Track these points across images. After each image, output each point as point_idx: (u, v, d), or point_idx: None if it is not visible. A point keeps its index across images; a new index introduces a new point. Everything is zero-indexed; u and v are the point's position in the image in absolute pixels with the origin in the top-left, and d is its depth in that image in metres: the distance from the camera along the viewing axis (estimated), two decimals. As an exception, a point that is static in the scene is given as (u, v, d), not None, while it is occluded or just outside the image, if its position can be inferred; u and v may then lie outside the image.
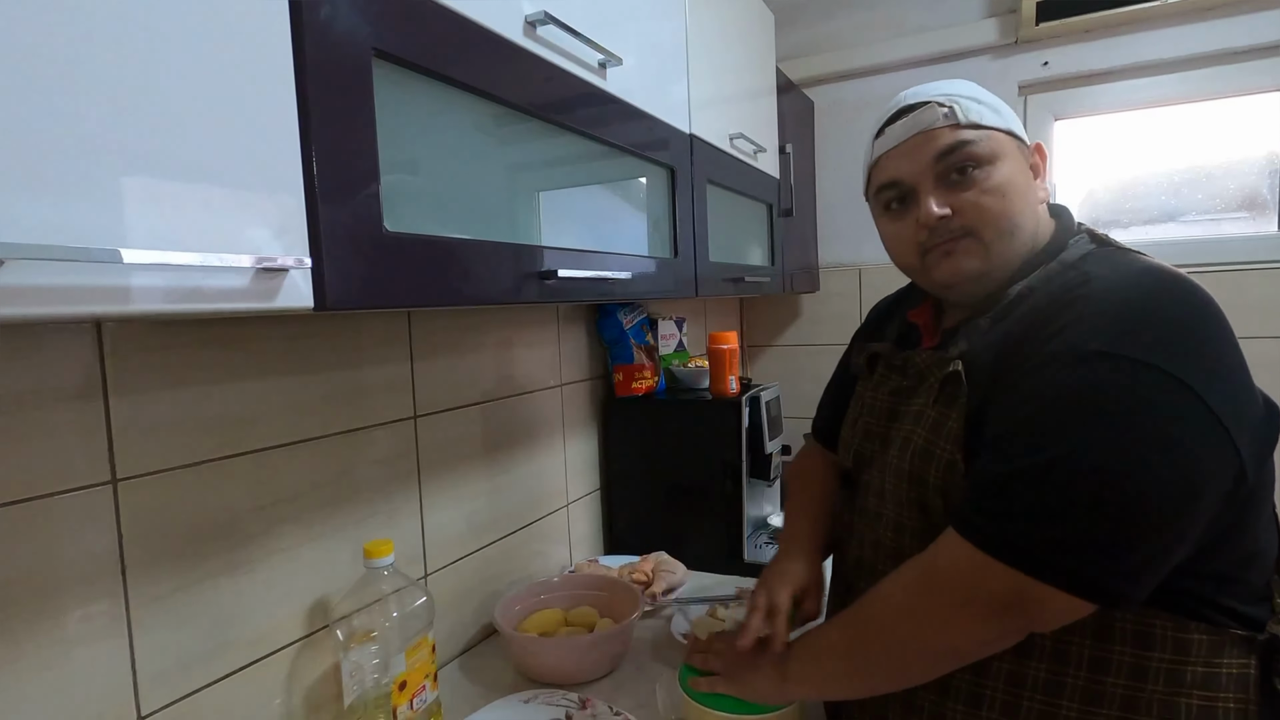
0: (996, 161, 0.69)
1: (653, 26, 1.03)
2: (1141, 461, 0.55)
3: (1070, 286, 0.64)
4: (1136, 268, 0.64)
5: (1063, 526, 0.56)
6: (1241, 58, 1.62)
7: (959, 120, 0.70)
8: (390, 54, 0.58)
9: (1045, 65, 1.76)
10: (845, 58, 1.95)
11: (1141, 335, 0.57)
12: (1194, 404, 0.55)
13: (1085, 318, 0.59)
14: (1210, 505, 0.57)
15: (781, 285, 1.69)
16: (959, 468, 0.65)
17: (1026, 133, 0.75)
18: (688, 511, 1.40)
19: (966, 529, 0.60)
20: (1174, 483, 0.55)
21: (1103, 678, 0.61)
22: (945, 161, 0.70)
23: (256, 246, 0.48)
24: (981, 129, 0.70)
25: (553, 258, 0.79)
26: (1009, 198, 0.69)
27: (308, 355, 0.86)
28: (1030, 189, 0.72)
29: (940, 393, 0.69)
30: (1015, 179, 0.70)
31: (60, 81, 0.38)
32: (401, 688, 0.82)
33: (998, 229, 0.69)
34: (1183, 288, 0.61)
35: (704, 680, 0.78)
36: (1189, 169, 1.72)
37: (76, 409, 0.65)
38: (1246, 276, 1.65)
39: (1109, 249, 0.69)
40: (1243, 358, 0.61)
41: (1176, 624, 0.60)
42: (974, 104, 0.71)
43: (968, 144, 0.69)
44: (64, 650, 0.64)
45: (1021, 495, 0.58)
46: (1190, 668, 0.60)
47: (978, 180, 0.69)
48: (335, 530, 0.90)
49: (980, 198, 0.69)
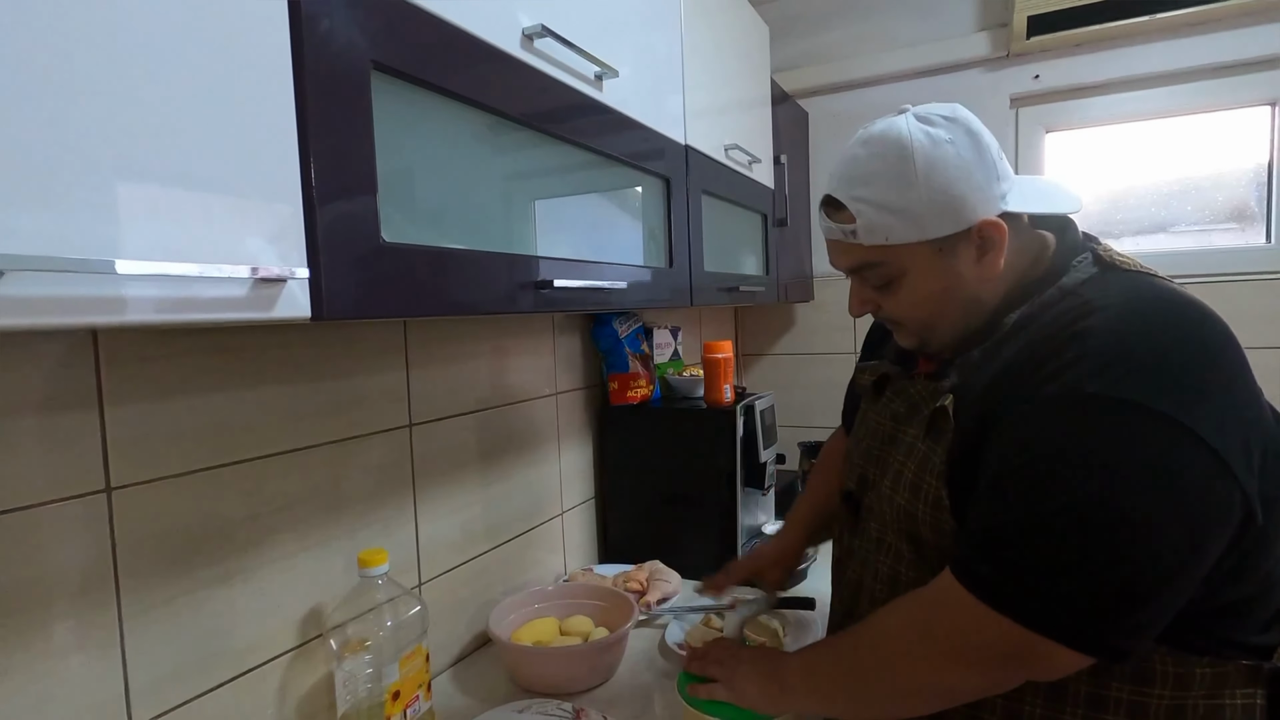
0: (905, 276, 0.69)
1: (648, 38, 1.04)
2: (1146, 516, 0.53)
3: (1069, 319, 0.60)
4: (1144, 296, 0.61)
5: (1065, 582, 0.54)
6: (1228, 72, 1.64)
7: (861, 241, 0.68)
8: (388, 66, 0.59)
9: (1036, 79, 1.78)
10: (839, 69, 1.97)
11: (1143, 377, 0.54)
12: (1198, 449, 0.53)
13: (1085, 357, 0.56)
14: (1216, 551, 0.55)
15: (776, 295, 1.70)
16: (945, 504, 0.64)
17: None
18: (682, 520, 1.40)
19: (967, 578, 0.59)
20: (1180, 536, 0.53)
21: (1101, 716, 0.60)
22: (857, 275, 0.73)
23: (254, 257, 0.48)
24: (885, 248, 0.67)
25: (548, 267, 0.79)
26: (924, 306, 0.70)
27: (303, 364, 0.86)
28: (956, 283, 0.68)
29: (930, 426, 0.68)
30: (930, 287, 0.68)
31: (59, 92, 0.38)
32: (395, 697, 0.81)
33: (920, 326, 0.72)
34: (1189, 320, 0.58)
35: (703, 687, 0.78)
36: (1178, 181, 1.74)
37: (72, 417, 0.65)
38: (1235, 287, 1.66)
39: (1114, 272, 0.66)
40: (1253, 388, 0.59)
41: (1177, 658, 0.59)
42: (880, 216, 0.66)
43: (872, 266, 0.70)
44: (56, 659, 0.64)
45: (1023, 547, 0.56)
46: (1192, 702, 0.59)
47: (891, 292, 0.71)
48: (329, 539, 0.90)
49: (895, 309, 0.72)
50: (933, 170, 0.64)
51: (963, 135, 0.66)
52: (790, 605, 1.13)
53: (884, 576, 0.73)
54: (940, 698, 0.63)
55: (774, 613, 1.11)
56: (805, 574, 1.33)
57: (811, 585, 1.31)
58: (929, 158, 0.64)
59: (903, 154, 0.65)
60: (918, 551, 0.69)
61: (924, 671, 0.62)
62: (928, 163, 0.64)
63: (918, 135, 0.65)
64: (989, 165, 0.66)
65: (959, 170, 0.65)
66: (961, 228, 0.66)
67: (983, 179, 0.66)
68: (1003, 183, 0.68)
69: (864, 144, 0.68)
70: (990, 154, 0.67)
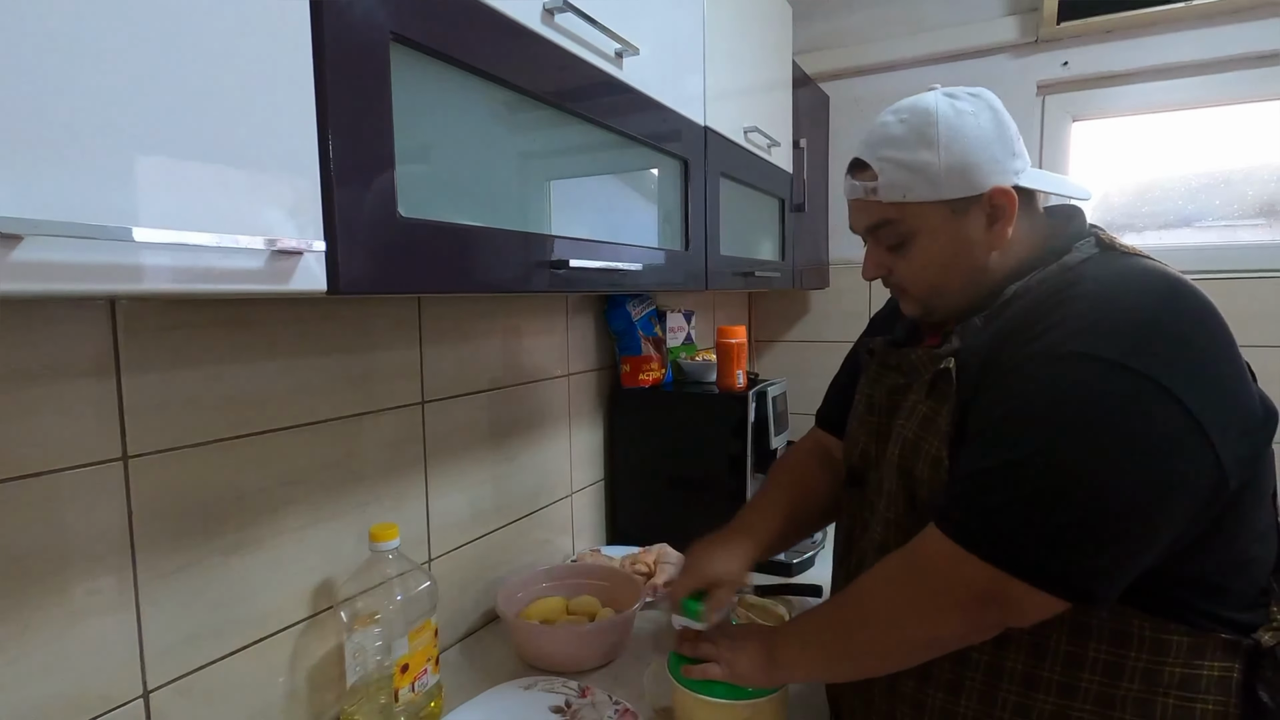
0: (917, 237, 0.72)
1: (670, 17, 1.02)
2: (1112, 462, 0.56)
3: (1059, 288, 0.64)
4: (1134, 271, 0.64)
5: (1034, 524, 0.57)
6: (1266, 62, 1.60)
7: (880, 198, 0.72)
8: (408, 38, 0.58)
9: (1065, 65, 1.74)
10: (862, 53, 1.93)
11: (1121, 338, 0.57)
12: (1171, 408, 0.55)
13: (1068, 319, 0.60)
14: (1185, 509, 0.57)
15: (791, 281, 1.69)
16: (944, 463, 0.66)
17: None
18: (691, 504, 1.40)
19: (945, 523, 0.62)
20: (1144, 484, 0.56)
21: (1078, 673, 0.62)
22: (874, 234, 0.76)
23: (271, 229, 0.48)
24: (903, 205, 0.71)
25: (564, 247, 0.79)
26: (932, 268, 0.73)
27: (318, 338, 0.87)
28: (965, 248, 0.71)
29: (931, 389, 0.70)
30: (941, 249, 0.72)
31: (80, 59, 0.38)
32: (404, 670, 0.82)
33: (927, 290, 0.75)
34: (1176, 292, 0.61)
35: (696, 668, 0.78)
36: (1207, 174, 1.70)
37: (90, 386, 0.65)
38: (1261, 284, 1.63)
39: (1114, 253, 0.68)
40: (1238, 365, 0.61)
41: (1155, 624, 0.61)
42: (903, 174, 0.70)
43: (887, 223, 0.73)
44: (73, 624, 0.65)
45: (995, 491, 0.59)
46: (1168, 668, 0.61)
47: (903, 254, 0.74)
48: (341, 513, 0.91)
49: (905, 269, 0.75)
50: (953, 136, 0.69)
51: (985, 110, 0.71)
52: (797, 592, 1.13)
53: (876, 544, 0.74)
54: (923, 648, 0.65)
55: (780, 599, 1.11)
56: (812, 561, 1.34)
57: (818, 573, 1.31)
58: (951, 124, 0.69)
59: (928, 119, 0.70)
60: (914, 514, 0.70)
61: (906, 621, 0.65)
62: (949, 128, 0.69)
63: (943, 105, 0.70)
64: (1007, 141, 0.71)
65: (978, 139, 0.69)
66: (975, 192, 0.70)
67: (1000, 151, 0.70)
68: (1017, 160, 0.72)
69: (893, 113, 0.73)
70: (1009, 132, 0.72)
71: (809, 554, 1.33)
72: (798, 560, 1.30)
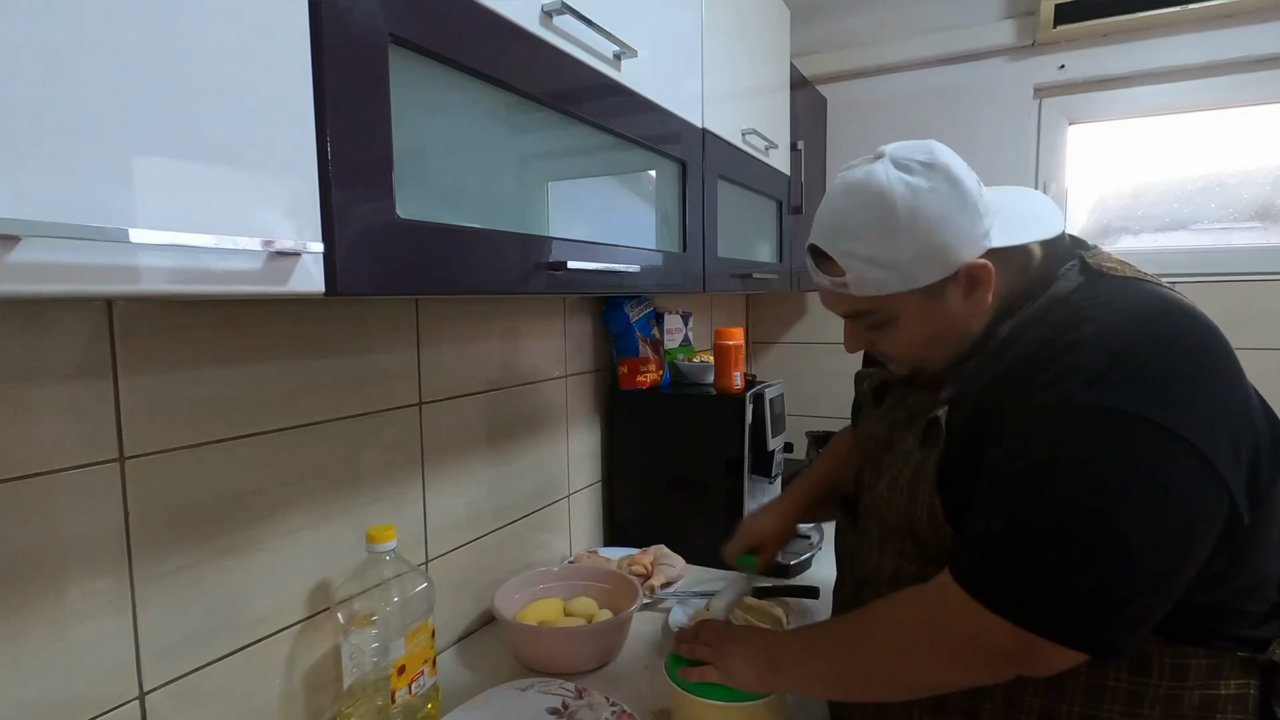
0: (898, 321, 0.71)
1: (668, 19, 1.02)
2: (1135, 518, 0.55)
3: (1061, 329, 0.62)
4: (1134, 304, 0.62)
5: (1059, 585, 0.56)
6: (1262, 66, 1.61)
7: (853, 293, 0.70)
8: (407, 40, 0.58)
9: (1062, 69, 1.75)
10: (860, 55, 1.93)
11: (1133, 387, 0.56)
12: (1187, 454, 0.55)
13: (1078, 368, 0.58)
14: (1204, 551, 0.57)
15: (789, 283, 1.69)
16: (938, 511, 0.66)
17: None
18: (689, 506, 1.40)
19: (968, 582, 0.60)
20: (1169, 537, 0.55)
21: (1099, 704, 0.62)
22: (851, 319, 0.75)
23: (269, 230, 0.48)
24: (877, 298, 0.69)
25: (562, 249, 0.79)
26: (916, 345, 0.73)
27: (316, 339, 0.87)
28: (950, 320, 0.70)
29: (925, 436, 0.70)
30: (922, 327, 0.71)
31: (77, 61, 0.38)
32: (400, 671, 0.82)
33: (914, 360, 0.75)
34: (1177, 325, 0.60)
35: (694, 670, 0.78)
36: (1202, 177, 1.71)
37: (87, 387, 0.65)
38: (1256, 287, 1.64)
39: (1102, 280, 0.67)
40: (1244, 390, 0.60)
41: (1174, 650, 0.60)
42: (869, 270, 0.67)
43: (864, 314, 0.73)
44: (69, 625, 0.65)
45: (1019, 552, 0.58)
46: (1188, 692, 0.60)
47: (885, 333, 0.73)
48: (338, 514, 0.91)
49: (889, 345, 0.75)
50: (915, 221, 0.65)
51: (942, 181, 0.66)
52: (794, 594, 1.13)
53: (887, 572, 0.74)
54: (930, 690, 0.66)
55: (778, 600, 1.11)
56: (809, 562, 1.34)
57: (815, 574, 1.31)
58: (911, 208, 0.65)
59: (885, 206, 0.66)
60: (920, 549, 0.70)
61: (922, 668, 0.64)
62: (910, 214, 0.65)
63: (898, 186, 0.66)
64: (970, 207, 0.67)
65: (941, 218, 0.65)
66: (949, 273, 0.67)
67: (965, 222, 0.66)
68: (985, 219, 0.68)
69: (846, 194, 0.69)
70: (970, 195, 0.67)
71: (806, 555, 1.33)
72: (795, 562, 1.30)
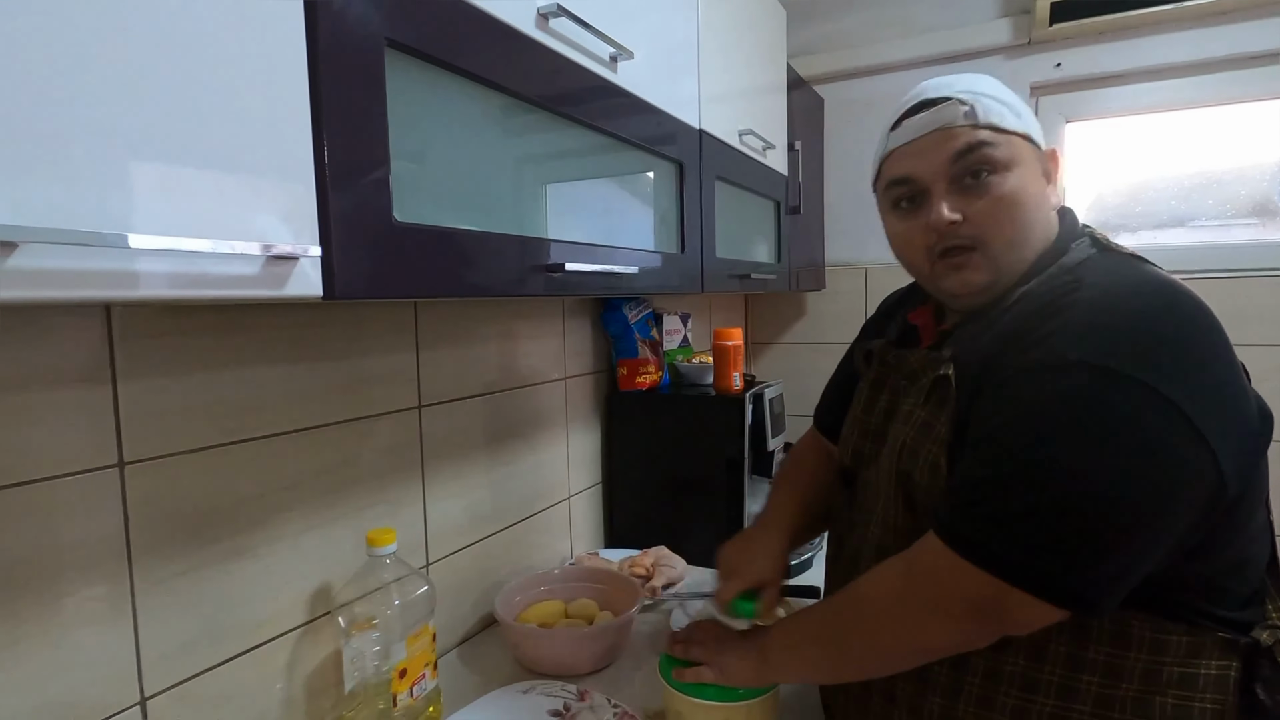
0: (1012, 168, 0.67)
1: (664, 20, 1.02)
2: (1115, 471, 0.55)
3: (1059, 293, 0.63)
4: (1131, 276, 0.63)
5: (1036, 533, 0.56)
6: (1257, 63, 1.61)
7: (978, 120, 0.67)
8: (402, 44, 0.58)
9: (1058, 67, 1.75)
10: (856, 55, 1.94)
11: (1124, 347, 0.57)
12: (1173, 416, 0.55)
13: (1069, 327, 0.59)
14: (1186, 515, 0.57)
15: (787, 283, 1.69)
16: (942, 469, 0.65)
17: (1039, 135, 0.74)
18: (689, 507, 1.40)
19: (944, 533, 0.61)
20: (1147, 493, 0.55)
21: (1078, 675, 0.62)
22: (961, 163, 0.68)
23: (266, 234, 0.48)
24: (1000, 132, 0.67)
25: (560, 251, 0.79)
26: (1020, 207, 0.67)
27: (314, 343, 0.87)
28: (1043, 197, 0.70)
29: (930, 394, 0.69)
30: (1029, 187, 0.68)
31: (74, 66, 0.38)
32: (402, 675, 0.82)
33: (1007, 240, 0.68)
34: (1174, 298, 0.60)
35: (689, 671, 0.78)
36: (1199, 174, 1.71)
37: (85, 392, 0.65)
38: (1254, 283, 1.64)
39: (1109, 254, 0.68)
40: (1235, 369, 0.60)
41: (1155, 624, 0.61)
42: (995, 104, 0.68)
43: (985, 146, 0.67)
44: (69, 630, 0.65)
45: (997, 501, 0.58)
46: (1167, 668, 0.61)
47: (991, 186, 0.67)
48: (338, 518, 0.91)
49: (992, 206, 0.67)
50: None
51: None
52: (795, 594, 1.13)
53: (877, 545, 0.73)
54: (918, 653, 0.65)
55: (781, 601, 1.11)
56: (810, 562, 1.34)
57: (817, 574, 1.31)
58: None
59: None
60: (913, 518, 0.70)
61: (903, 629, 0.64)
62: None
63: None
64: None
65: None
66: (1042, 146, 0.72)
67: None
68: None
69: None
70: None
71: (807, 555, 1.33)
72: (796, 561, 1.30)
